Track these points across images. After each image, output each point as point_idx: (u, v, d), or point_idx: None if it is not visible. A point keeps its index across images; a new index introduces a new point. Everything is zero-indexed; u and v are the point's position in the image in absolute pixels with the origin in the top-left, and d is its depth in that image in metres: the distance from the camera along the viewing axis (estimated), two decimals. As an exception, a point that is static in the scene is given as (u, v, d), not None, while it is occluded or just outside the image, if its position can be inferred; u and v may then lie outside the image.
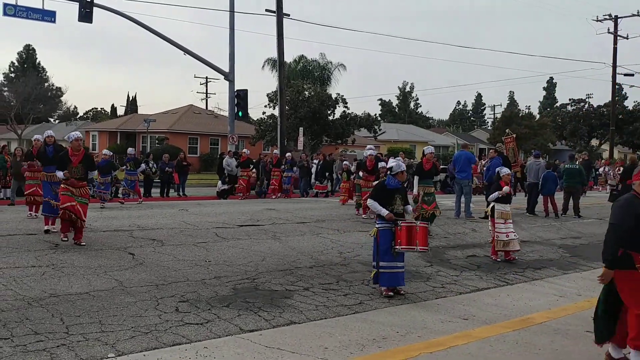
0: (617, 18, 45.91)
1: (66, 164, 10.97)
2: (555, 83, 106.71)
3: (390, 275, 8.74)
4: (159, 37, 26.66)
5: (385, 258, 8.70)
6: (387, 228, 8.75)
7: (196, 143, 52.56)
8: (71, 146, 11.15)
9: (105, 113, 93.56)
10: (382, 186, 9.16)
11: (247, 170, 23.99)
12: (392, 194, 8.91)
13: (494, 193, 11.92)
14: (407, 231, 8.66)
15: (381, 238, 8.78)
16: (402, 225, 8.67)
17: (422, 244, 8.76)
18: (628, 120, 63.56)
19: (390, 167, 9.15)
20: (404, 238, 8.64)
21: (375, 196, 9.03)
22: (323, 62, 47.56)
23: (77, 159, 11.06)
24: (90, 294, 8.09)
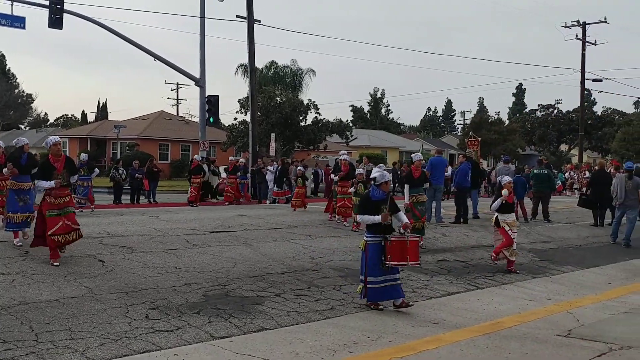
0: (585, 24, 46.68)
1: (50, 172, 10.08)
2: (525, 89, 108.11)
3: (377, 290, 8.40)
4: (129, 44, 26.46)
5: (373, 273, 8.38)
6: (377, 242, 8.43)
7: (167, 149, 52.20)
8: (51, 152, 10.33)
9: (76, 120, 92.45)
10: (366, 198, 8.84)
11: (198, 176, 23.34)
12: (378, 205, 8.58)
13: (496, 201, 11.77)
14: (398, 246, 8.32)
15: (370, 252, 8.45)
16: (393, 240, 8.34)
17: (413, 258, 8.41)
18: (597, 126, 64.75)
19: (374, 177, 8.84)
20: (395, 253, 8.29)
21: (362, 210, 8.79)
22: (294, 68, 47.63)
23: (61, 165, 10.24)
24: (60, 301, 7.98)
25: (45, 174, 10.12)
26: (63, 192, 10.16)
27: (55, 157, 10.29)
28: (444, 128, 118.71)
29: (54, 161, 10.21)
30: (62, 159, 10.37)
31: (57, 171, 10.09)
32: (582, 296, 10.21)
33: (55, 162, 10.20)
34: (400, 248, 8.31)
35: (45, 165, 10.29)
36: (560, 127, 65.38)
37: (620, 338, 7.61)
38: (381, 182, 8.72)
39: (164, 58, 27.45)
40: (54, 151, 10.31)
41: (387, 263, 8.31)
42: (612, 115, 69.85)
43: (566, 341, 7.41)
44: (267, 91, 38.97)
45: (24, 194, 11.57)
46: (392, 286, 8.46)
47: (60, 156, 10.38)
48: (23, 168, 11.67)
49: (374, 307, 8.52)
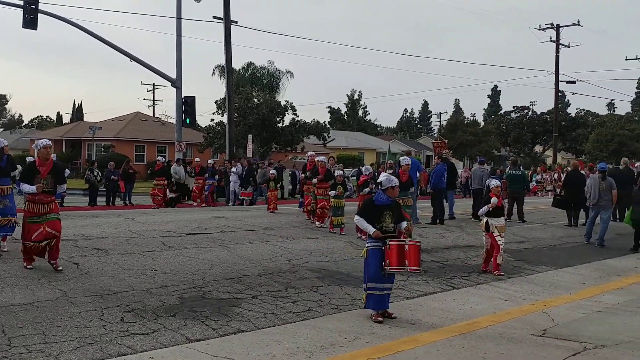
0: (559, 27, 47.28)
1: (32, 176, 9.56)
2: (500, 91, 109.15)
3: (378, 297, 8.14)
4: (105, 44, 26.25)
5: (377, 279, 8.07)
6: (377, 247, 8.14)
7: (143, 150, 51.84)
8: (39, 155, 9.79)
9: (51, 121, 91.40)
10: (370, 202, 8.48)
11: (163, 178, 23.06)
12: (382, 210, 8.26)
13: (484, 207, 11.65)
14: (396, 250, 8.02)
15: (370, 258, 8.17)
16: (391, 244, 8.03)
17: (413, 263, 8.07)
18: (570, 127, 65.56)
19: (380, 181, 8.46)
20: (394, 258, 7.98)
21: (362, 213, 8.43)
22: (272, 70, 47.59)
23: (46, 169, 9.65)
24: (34, 305, 7.87)
25: (28, 177, 9.62)
26: (46, 198, 9.61)
27: (42, 161, 9.75)
28: (420, 129, 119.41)
29: (39, 164, 9.70)
30: (49, 163, 9.82)
31: (40, 175, 9.57)
32: (557, 296, 10.32)
33: (41, 166, 9.68)
34: (399, 252, 8.01)
35: (29, 168, 9.87)
36: (534, 128, 66.09)
37: (594, 337, 7.70)
38: (387, 186, 8.32)
39: (140, 59, 27.30)
40: (43, 154, 9.77)
41: (385, 268, 7.98)
42: (585, 117, 70.79)
43: (541, 340, 7.48)
44: (244, 92, 38.91)
45: (3, 198, 11.04)
46: (387, 295, 8.25)
47: (47, 160, 9.82)
48: (2, 170, 11.22)
49: (375, 318, 8.09)
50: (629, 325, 8.56)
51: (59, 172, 10.00)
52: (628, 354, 7.10)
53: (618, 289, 11.17)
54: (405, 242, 8.13)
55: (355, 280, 10.45)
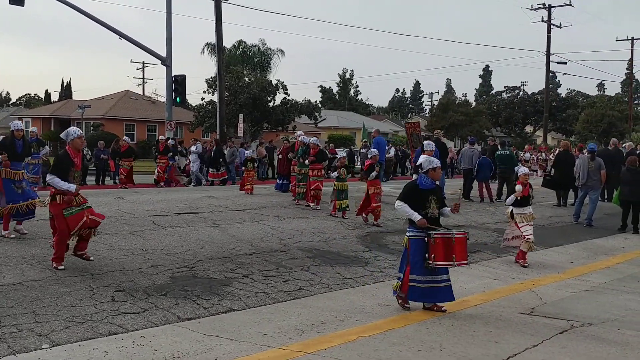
0: (551, 7, 47.16)
1: (68, 168, 8.71)
2: (491, 71, 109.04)
3: (423, 290, 7.60)
4: (93, 21, 25.97)
5: (416, 271, 7.58)
6: (420, 237, 7.60)
7: (133, 129, 51.52)
8: (72, 145, 8.85)
9: (39, 99, 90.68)
10: (413, 186, 7.83)
11: (130, 160, 22.27)
12: (426, 195, 7.70)
13: (511, 196, 11.17)
14: (442, 244, 7.52)
15: (412, 248, 7.64)
16: (437, 237, 7.51)
17: (460, 258, 7.61)
18: (561, 108, 65.72)
19: (420, 164, 7.86)
20: (440, 252, 7.50)
21: (405, 198, 7.75)
22: (263, 48, 47.25)
23: (79, 161, 8.97)
24: (24, 284, 7.87)
25: (63, 169, 8.68)
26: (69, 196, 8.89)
27: (75, 152, 8.91)
28: (412, 109, 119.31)
29: (73, 156, 8.84)
30: (80, 154, 9.17)
31: (75, 167, 8.83)
32: (545, 275, 10.41)
33: (75, 157, 8.86)
34: (445, 246, 7.52)
35: (64, 159, 8.82)
36: (525, 108, 66.20)
37: (581, 315, 7.80)
38: (428, 168, 7.75)
39: (130, 36, 27.03)
40: (76, 145, 8.90)
41: (430, 263, 7.50)
42: (576, 98, 71.04)
43: (529, 319, 7.57)
44: (235, 71, 38.68)
45: (19, 182, 10.65)
46: (438, 288, 7.65)
47: (80, 151, 9.16)
48: (18, 155, 10.80)
49: (401, 302, 7.83)
50: (615, 303, 8.67)
51: (86, 163, 9.54)
52: (614, 331, 7.19)
53: (605, 268, 11.29)
54: (451, 235, 7.62)
55: (346, 260, 10.51)
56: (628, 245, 13.85)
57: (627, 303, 8.75)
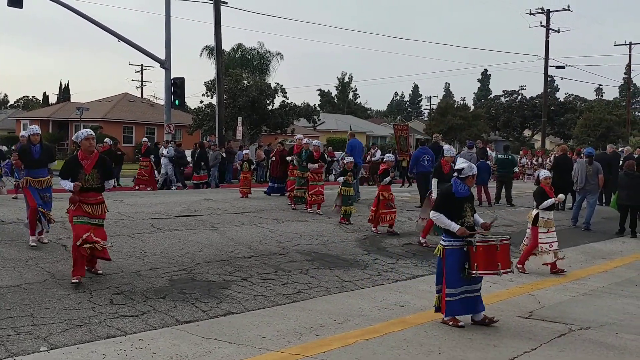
0: (549, 12, 47.27)
1: (75, 171, 8.37)
2: (490, 75, 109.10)
3: (461, 302, 7.21)
4: (92, 24, 25.98)
5: (454, 283, 7.17)
6: (457, 247, 7.20)
7: (131, 132, 51.49)
8: (81, 147, 8.54)
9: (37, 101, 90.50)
10: (449, 194, 7.40)
11: (147, 159, 22.68)
12: (462, 203, 7.34)
13: (548, 200, 10.67)
14: (486, 252, 7.17)
15: (449, 259, 7.21)
16: (479, 245, 7.16)
17: (505, 265, 7.27)
18: (559, 112, 65.85)
19: (460, 168, 7.44)
20: (483, 260, 7.14)
21: (441, 207, 7.33)
22: (262, 51, 47.25)
23: (90, 163, 8.39)
24: (22, 287, 7.87)
25: (69, 172, 8.42)
26: (94, 197, 8.48)
27: (85, 154, 8.46)
28: (410, 113, 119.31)
29: (82, 158, 8.43)
30: (93, 156, 8.50)
31: (84, 170, 8.34)
32: (544, 279, 10.41)
33: (84, 160, 8.40)
34: (489, 254, 7.20)
35: (70, 162, 8.57)
36: (524, 112, 66.33)
37: (579, 319, 7.80)
38: (468, 175, 7.38)
39: (128, 39, 27.03)
40: (85, 147, 8.45)
41: (473, 272, 7.13)
42: (574, 102, 71.08)
43: (528, 323, 7.57)
44: (233, 74, 38.65)
45: (42, 191, 10.08)
46: (472, 298, 7.31)
47: (92, 153, 8.51)
48: (37, 161, 10.17)
49: (453, 323, 7.23)
50: (613, 307, 8.68)
51: (106, 166, 8.71)
52: (612, 335, 7.20)
53: (603, 272, 11.30)
54: (496, 242, 7.28)
55: (344, 263, 10.51)
56: (626, 249, 13.86)
57: (625, 307, 8.75)
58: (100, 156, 8.61)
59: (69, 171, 8.41)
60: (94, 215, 8.43)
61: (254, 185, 20.00)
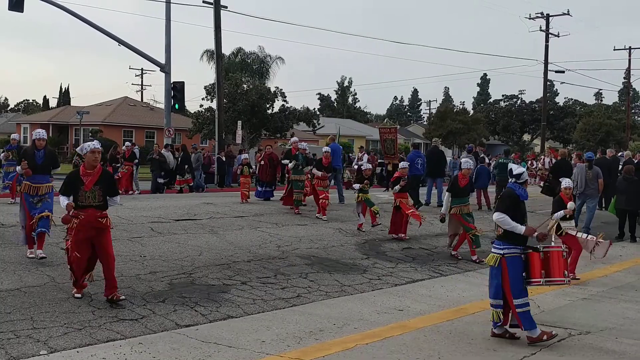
0: (549, 16, 47.25)
1: (74, 188, 7.73)
2: (489, 79, 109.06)
3: (529, 313, 6.93)
4: (92, 27, 26.00)
5: (521, 293, 6.90)
6: (517, 255, 6.96)
7: (131, 136, 51.42)
8: (85, 161, 7.87)
9: (37, 105, 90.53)
10: (514, 197, 7.14)
11: (131, 163, 22.42)
12: (524, 207, 7.23)
13: (560, 212, 10.64)
14: (552, 259, 7.03)
15: (511, 268, 6.88)
16: (550, 251, 7.06)
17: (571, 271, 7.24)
18: (559, 116, 65.82)
19: (519, 173, 7.28)
20: (549, 267, 7.01)
21: (507, 210, 7.03)
22: (262, 55, 47.36)
23: (92, 179, 7.69)
24: (22, 290, 7.87)
25: (68, 189, 7.79)
26: (94, 215, 7.69)
27: (87, 169, 7.78)
28: (410, 117, 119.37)
29: (83, 174, 7.74)
30: (96, 172, 7.79)
31: (84, 187, 7.67)
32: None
33: (86, 176, 7.72)
34: (556, 261, 7.07)
35: (70, 178, 7.87)
36: (523, 117, 66.30)
37: (579, 324, 7.81)
38: (525, 179, 7.28)
39: (129, 43, 27.05)
40: (90, 160, 7.79)
41: (538, 281, 7.01)
42: (573, 106, 71.09)
43: (527, 327, 7.56)
44: (233, 78, 38.71)
45: (42, 196, 9.69)
46: None
47: (94, 168, 7.80)
48: (39, 167, 9.74)
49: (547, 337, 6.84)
50: (613, 312, 8.68)
51: (109, 182, 8.04)
52: (612, 340, 7.20)
53: (603, 277, 11.30)
54: (562, 249, 7.24)
55: (344, 267, 10.51)
56: (625, 253, 13.85)
57: (625, 312, 8.76)
58: (103, 171, 7.96)
59: (68, 187, 7.80)
60: (97, 234, 7.75)
61: (253, 189, 19.85)
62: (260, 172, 19.82)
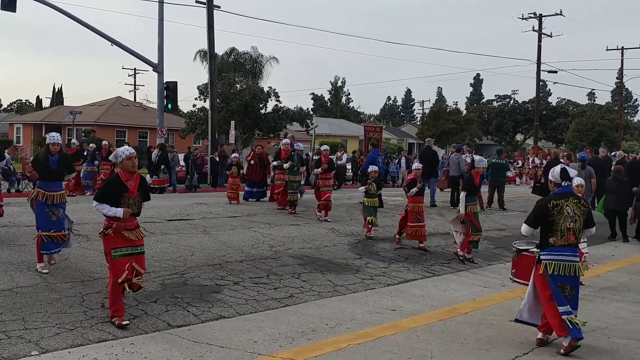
0: (542, 16, 47.40)
1: (120, 194, 7.12)
2: (482, 79, 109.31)
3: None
4: (85, 27, 25.91)
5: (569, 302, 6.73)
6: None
7: (124, 136, 51.34)
8: (122, 167, 7.28)
9: (30, 105, 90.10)
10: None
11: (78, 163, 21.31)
12: None
13: None
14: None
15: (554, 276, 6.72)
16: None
17: None
18: (551, 116, 65.99)
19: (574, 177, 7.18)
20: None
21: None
22: (255, 55, 47.32)
23: (134, 185, 7.22)
24: (13, 291, 7.84)
25: (113, 196, 7.13)
26: (132, 224, 7.27)
27: (127, 174, 7.24)
28: (403, 117, 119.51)
29: (126, 179, 7.21)
30: (136, 177, 7.32)
31: (129, 193, 7.17)
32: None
33: (128, 181, 7.21)
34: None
35: (113, 183, 7.24)
36: (516, 117, 66.45)
37: (571, 323, 7.80)
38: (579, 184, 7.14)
39: (121, 43, 26.97)
40: (127, 167, 7.23)
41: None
42: (566, 106, 71.34)
43: (519, 326, 7.55)
44: (226, 78, 38.66)
45: (55, 207, 9.10)
46: None
47: (133, 174, 7.30)
48: (52, 172, 9.13)
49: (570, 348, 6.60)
50: (605, 312, 8.71)
51: (146, 188, 7.64)
52: (604, 339, 7.22)
53: (595, 277, 11.32)
54: None
55: (336, 267, 10.51)
56: (618, 253, 13.90)
57: (617, 311, 8.78)
58: (141, 177, 7.46)
59: (112, 194, 7.11)
60: (136, 242, 7.21)
61: (242, 189, 19.55)
62: (250, 172, 19.41)
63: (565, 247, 6.73)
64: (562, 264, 6.71)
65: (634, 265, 12.46)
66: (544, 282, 6.75)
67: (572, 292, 6.77)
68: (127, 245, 7.10)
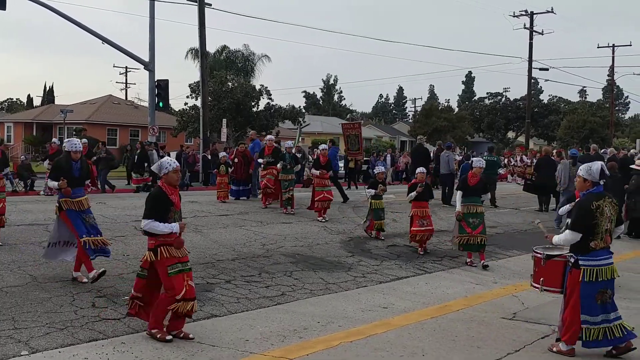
0: (533, 14, 47.55)
1: (166, 209, 6.69)
2: (474, 77, 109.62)
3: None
4: (76, 26, 25.80)
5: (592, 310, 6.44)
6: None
7: (115, 134, 51.18)
8: (166, 180, 6.81)
9: (21, 104, 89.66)
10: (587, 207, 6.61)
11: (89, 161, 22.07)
12: None
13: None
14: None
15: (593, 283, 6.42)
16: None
17: None
18: (543, 114, 66.20)
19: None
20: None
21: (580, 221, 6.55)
22: (247, 53, 47.28)
23: (177, 198, 6.89)
24: (3, 290, 7.79)
25: (160, 211, 6.65)
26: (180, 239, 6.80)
27: (171, 189, 6.85)
28: (395, 115, 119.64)
29: (170, 193, 6.82)
30: (177, 191, 6.98)
31: (174, 207, 6.79)
32: (527, 280, 10.43)
33: (172, 195, 6.81)
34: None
35: (160, 198, 6.73)
36: (507, 114, 66.61)
37: (562, 320, 7.82)
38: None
39: (112, 41, 26.87)
40: (172, 180, 6.83)
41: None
42: (557, 104, 71.56)
43: (511, 324, 7.60)
44: (218, 76, 38.60)
45: (85, 213, 8.84)
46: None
47: (176, 188, 6.99)
48: (76, 180, 8.93)
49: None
50: (596, 308, 8.70)
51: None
52: (595, 336, 7.21)
53: (587, 273, 11.34)
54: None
55: (329, 265, 10.50)
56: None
57: (608, 307, 8.79)
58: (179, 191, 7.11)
59: (160, 209, 6.67)
60: (183, 259, 6.75)
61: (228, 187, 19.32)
62: (236, 171, 19.12)
63: (604, 250, 6.48)
64: (603, 268, 6.45)
65: (625, 262, 12.50)
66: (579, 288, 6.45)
67: (611, 295, 6.54)
68: (178, 261, 6.65)
